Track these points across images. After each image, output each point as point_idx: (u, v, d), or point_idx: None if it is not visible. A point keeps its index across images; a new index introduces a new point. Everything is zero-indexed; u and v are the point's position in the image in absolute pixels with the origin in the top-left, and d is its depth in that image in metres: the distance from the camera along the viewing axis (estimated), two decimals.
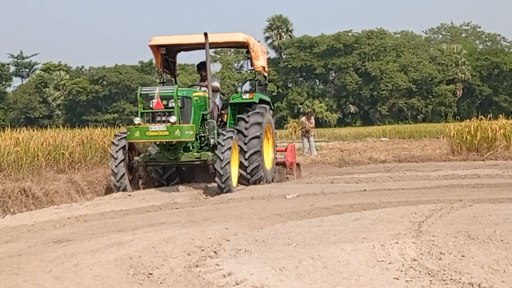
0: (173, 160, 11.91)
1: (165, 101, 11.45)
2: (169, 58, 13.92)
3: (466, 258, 5.15)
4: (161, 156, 11.95)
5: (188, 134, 11.37)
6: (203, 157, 11.85)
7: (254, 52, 13.39)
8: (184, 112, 11.76)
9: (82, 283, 4.93)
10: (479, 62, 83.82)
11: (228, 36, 13.41)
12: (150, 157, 12.10)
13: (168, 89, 11.80)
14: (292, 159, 15.16)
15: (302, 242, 6.09)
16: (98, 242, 6.56)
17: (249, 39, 13.24)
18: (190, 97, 12.04)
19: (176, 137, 11.24)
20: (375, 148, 25.95)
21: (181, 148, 11.80)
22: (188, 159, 11.92)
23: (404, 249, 5.45)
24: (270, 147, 13.92)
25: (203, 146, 12.32)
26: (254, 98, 13.16)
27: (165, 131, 11.20)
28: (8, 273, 5.35)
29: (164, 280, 5.00)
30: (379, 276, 4.79)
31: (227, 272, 5.02)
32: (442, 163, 17.40)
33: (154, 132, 11.24)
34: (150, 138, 11.51)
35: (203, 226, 7.33)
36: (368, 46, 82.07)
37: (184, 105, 11.75)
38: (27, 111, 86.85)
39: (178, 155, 11.78)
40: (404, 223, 6.90)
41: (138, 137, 11.45)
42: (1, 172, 11.57)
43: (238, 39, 13.25)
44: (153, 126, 11.28)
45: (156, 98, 11.43)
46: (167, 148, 11.79)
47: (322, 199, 9.85)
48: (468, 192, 10.23)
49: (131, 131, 11.43)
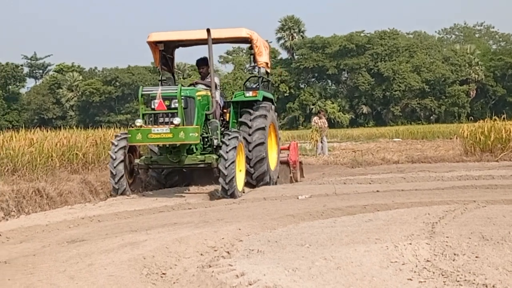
0: (176, 163, 11.40)
1: (168, 101, 10.94)
2: (167, 54, 13.31)
3: (480, 259, 5.14)
4: (164, 159, 11.47)
5: (193, 136, 10.81)
6: (207, 159, 11.27)
7: (257, 48, 12.89)
8: (188, 113, 11.19)
9: (96, 282, 4.95)
10: (492, 62, 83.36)
11: (230, 31, 12.85)
12: (152, 159, 11.64)
13: (171, 89, 11.32)
14: (295, 158, 14.95)
15: (315, 243, 6.09)
16: (112, 242, 6.59)
17: (252, 34, 12.69)
18: (194, 97, 11.47)
19: (180, 139, 10.69)
20: (388, 149, 25.89)
21: (184, 151, 11.27)
22: (192, 161, 11.37)
23: (418, 250, 5.44)
24: (274, 146, 13.58)
25: (206, 147, 11.81)
26: (257, 96, 12.74)
27: (168, 133, 10.69)
28: (23, 273, 5.39)
29: (177, 280, 5.02)
30: (393, 277, 4.79)
31: (240, 272, 5.03)
32: (455, 164, 17.34)
33: (157, 134, 10.72)
34: (152, 140, 10.98)
35: (216, 226, 7.35)
36: (380, 46, 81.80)
37: (187, 106, 11.18)
38: (40, 112, 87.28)
39: (181, 157, 11.25)
40: (417, 224, 6.89)
41: (140, 140, 10.91)
42: (16, 173, 11.65)
43: (241, 34, 12.72)
44: (155, 128, 10.77)
45: (158, 99, 10.93)
46: (169, 151, 11.28)
47: (334, 200, 9.84)
48: (482, 193, 10.19)
49: (133, 134, 10.92)
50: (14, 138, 14.32)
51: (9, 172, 11.75)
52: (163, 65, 13.23)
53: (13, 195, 9.88)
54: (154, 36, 12.60)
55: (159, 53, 12.81)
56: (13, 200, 9.81)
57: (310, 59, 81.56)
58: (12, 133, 15.47)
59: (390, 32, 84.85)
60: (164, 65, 13.28)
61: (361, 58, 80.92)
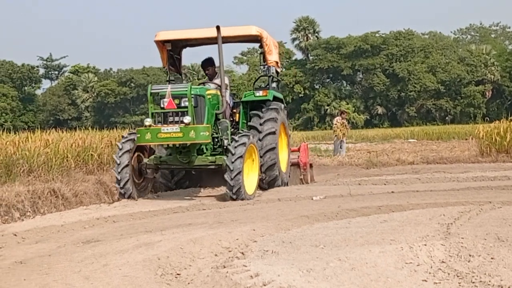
0: (185, 164, 11.01)
1: (178, 100, 10.61)
2: (174, 54, 12.90)
3: (496, 261, 5.11)
4: (173, 159, 11.09)
5: (203, 136, 10.47)
6: (218, 161, 10.89)
7: (267, 46, 12.48)
8: (198, 112, 10.89)
9: (111, 283, 4.97)
10: (508, 62, 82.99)
11: (240, 29, 12.42)
12: (161, 159, 11.30)
13: (181, 87, 10.94)
14: (306, 159, 14.62)
15: (329, 244, 6.08)
16: (127, 242, 6.61)
17: (262, 33, 12.30)
18: (204, 96, 11.15)
19: (191, 139, 10.34)
20: (402, 150, 25.80)
21: (194, 151, 10.92)
22: (202, 162, 11.02)
23: (433, 251, 5.42)
24: (285, 147, 13.25)
25: (217, 148, 11.47)
26: (268, 95, 12.37)
27: (178, 132, 10.34)
28: (39, 273, 5.42)
29: (191, 281, 5.03)
30: (407, 278, 4.77)
31: (255, 273, 5.03)
32: (471, 165, 17.26)
33: (167, 134, 10.37)
34: (162, 140, 10.57)
35: (230, 227, 7.36)
36: (395, 47, 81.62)
37: (197, 104, 10.87)
38: (56, 113, 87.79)
39: (191, 158, 10.89)
40: (432, 225, 6.86)
41: (150, 140, 10.58)
42: (31, 173, 11.71)
43: (251, 32, 12.29)
44: (165, 127, 10.45)
45: (167, 97, 10.62)
46: (179, 151, 10.90)
47: (349, 201, 9.82)
48: (497, 194, 10.14)
49: (142, 134, 10.58)
50: (30, 139, 14.40)
51: (25, 172, 11.81)
52: (171, 65, 12.93)
53: (28, 195, 9.95)
54: (161, 35, 12.29)
55: (167, 52, 12.50)
56: (28, 200, 9.88)
57: (325, 59, 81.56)
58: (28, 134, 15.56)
59: (405, 33, 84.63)
60: (171, 65, 12.97)
61: (376, 59, 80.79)
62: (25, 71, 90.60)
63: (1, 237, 7.52)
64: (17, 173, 11.70)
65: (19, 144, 13.35)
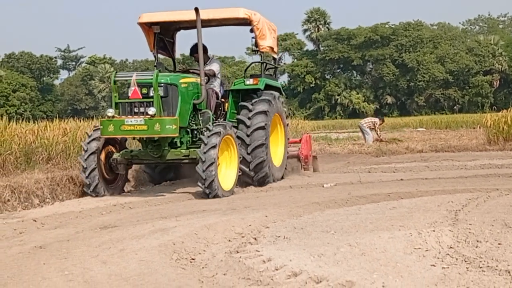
0: (157, 158, 9.87)
1: (145, 89, 9.41)
2: (165, 37, 11.72)
3: (503, 246, 5.11)
4: (144, 153, 9.97)
5: (170, 129, 9.25)
6: (192, 155, 9.67)
7: (258, 31, 11.05)
8: (168, 102, 9.59)
9: (127, 267, 5.00)
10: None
11: (226, 11, 11.02)
12: (132, 154, 10.13)
13: (147, 74, 9.67)
14: (307, 152, 13.20)
15: (339, 230, 6.09)
16: (143, 228, 6.65)
17: (251, 15, 10.88)
18: (176, 84, 9.80)
19: (155, 132, 9.19)
20: (412, 138, 25.72)
21: (165, 144, 9.75)
22: (175, 156, 9.85)
23: (441, 237, 5.42)
24: (280, 140, 11.93)
25: (196, 141, 10.20)
26: (259, 84, 11.05)
27: (143, 125, 9.18)
28: (58, 257, 5.46)
29: (206, 265, 5.05)
30: (416, 263, 4.77)
31: (267, 258, 5.05)
32: (478, 153, 17.21)
33: (130, 126, 9.23)
34: (126, 133, 9.47)
35: (243, 213, 7.38)
36: (405, 37, 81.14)
37: (168, 94, 9.59)
38: (73, 102, 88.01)
39: (163, 152, 9.75)
40: (440, 211, 6.86)
41: (112, 132, 9.41)
42: (50, 161, 11.77)
43: (238, 15, 10.91)
44: (129, 119, 9.27)
45: (133, 86, 9.37)
46: (150, 144, 9.82)
47: (359, 188, 9.83)
48: (504, 181, 10.12)
49: (105, 125, 9.42)
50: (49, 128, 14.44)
51: (44, 160, 11.87)
52: (161, 49, 11.74)
53: (47, 182, 10.00)
54: (145, 17, 11.13)
55: (154, 36, 11.30)
56: (47, 187, 9.93)
57: (336, 50, 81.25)
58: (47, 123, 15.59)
59: (415, 24, 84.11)
60: (162, 49, 11.81)
61: (386, 49, 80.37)
62: (43, 62, 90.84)
63: (22, 222, 7.58)
64: (36, 161, 11.76)
65: (38, 133, 13.38)
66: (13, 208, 9.22)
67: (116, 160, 10.07)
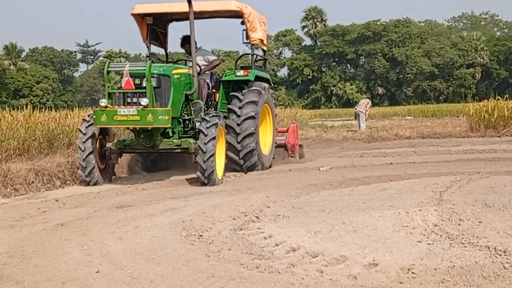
0: (149, 148, 9.30)
1: (138, 79, 8.74)
2: (158, 28, 11.07)
3: (483, 224, 5.10)
4: (136, 142, 9.33)
5: (162, 120, 8.63)
6: (184, 144, 9.19)
7: (249, 23, 10.50)
8: (161, 93, 9.00)
9: (141, 243, 5.01)
10: (496, 47, 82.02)
11: (218, 4, 10.44)
12: (125, 143, 9.50)
13: (140, 65, 8.96)
14: (294, 141, 12.57)
15: (334, 209, 6.09)
16: (155, 207, 6.66)
17: (243, 8, 10.34)
18: (169, 75, 9.21)
19: (148, 122, 8.58)
20: (400, 126, 25.66)
21: (158, 134, 9.18)
22: (167, 146, 9.27)
23: (427, 215, 5.41)
24: (269, 130, 11.37)
25: (188, 131, 9.70)
26: (249, 75, 10.53)
27: (135, 115, 8.53)
28: (78, 234, 5.47)
29: (212, 241, 5.06)
30: (404, 239, 4.77)
31: (268, 234, 5.06)
32: (461, 139, 17.17)
33: (123, 116, 8.57)
34: (118, 123, 8.84)
35: (246, 194, 7.39)
36: (395, 33, 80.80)
37: (161, 85, 8.98)
38: (92, 93, 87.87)
39: (155, 142, 9.18)
40: (426, 192, 6.85)
41: (105, 122, 8.73)
42: (71, 146, 11.79)
43: (230, 8, 10.34)
44: (122, 109, 8.61)
45: (125, 76, 8.72)
46: (142, 134, 9.20)
47: (352, 171, 9.82)
48: (485, 165, 10.10)
49: (97, 115, 8.74)
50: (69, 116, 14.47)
51: (65, 145, 11.89)
52: (153, 40, 11.07)
53: (68, 166, 10.02)
54: (138, 8, 10.48)
55: (147, 27, 10.66)
56: (68, 170, 9.95)
57: (331, 45, 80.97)
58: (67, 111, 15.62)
59: (404, 21, 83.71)
60: (155, 40, 11.15)
61: (377, 44, 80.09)
62: (64, 56, 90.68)
63: (45, 202, 7.60)
64: (58, 146, 11.79)
65: (60, 121, 13.41)
66: (37, 189, 9.25)
67: (110, 149, 9.44)
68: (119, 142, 9.59)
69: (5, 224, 6.22)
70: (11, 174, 9.20)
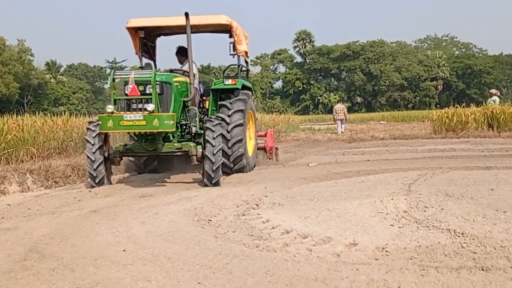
0: (151, 151, 8.34)
1: (142, 86, 7.92)
2: (148, 42, 10.31)
3: (445, 211, 5.10)
4: (139, 146, 8.37)
5: (167, 124, 7.74)
6: (184, 147, 8.31)
7: (237, 36, 9.83)
8: (164, 99, 8.22)
9: (160, 226, 5.01)
10: (455, 64, 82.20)
11: (209, 18, 9.54)
12: (127, 147, 8.52)
13: (145, 73, 8.08)
14: (272, 144, 11.98)
15: (321, 198, 6.09)
16: (172, 197, 6.65)
17: (232, 22, 9.63)
18: (170, 83, 8.44)
19: (154, 127, 7.64)
20: (376, 129, 25.67)
21: (160, 138, 8.29)
22: (168, 149, 8.35)
23: (398, 203, 5.41)
24: (252, 134, 10.74)
25: (184, 135, 8.90)
26: (237, 84, 9.91)
27: (141, 120, 7.62)
28: (107, 219, 5.47)
29: (219, 225, 5.06)
30: (379, 223, 4.77)
31: (266, 219, 5.06)
32: (426, 140, 17.16)
33: (130, 121, 7.62)
34: (125, 128, 7.77)
35: (247, 186, 7.38)
36: (371, 52, 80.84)
37: (163, 92, 8.22)
38: None
39: (157, 145, 8.27)
40: (397, 184, 6.85)
41: (112, 127, 7.71)
42: None
43: (220, 22, 9.50)
44: (128, 115, 7.66)
45: (131, 84, 7.90)
46: (145, 138, 8.29)
47: (336, 167, 9.81)
48: (446, 162, 10.09)
49: (103, 121, 7.71)
50: None
51: None
52: (144, 52, 10.25)
53: None
54: (133, 22, 9.60)
55: (139, 40, 9.88)
56: None
57: (318, 62, 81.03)
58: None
59: (378, 42, 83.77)
60: (145, 53, 10.31)
61: (356, 61, 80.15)
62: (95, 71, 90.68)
63: (80, 192, 7.59)
64: None
65: None
66: (73, 181, 9.25)
67: (113, 153, 8.45)
68: (122, 146, 8.66)
69: (47, 210, 6.22)
70: (52, 169, 9.20)
